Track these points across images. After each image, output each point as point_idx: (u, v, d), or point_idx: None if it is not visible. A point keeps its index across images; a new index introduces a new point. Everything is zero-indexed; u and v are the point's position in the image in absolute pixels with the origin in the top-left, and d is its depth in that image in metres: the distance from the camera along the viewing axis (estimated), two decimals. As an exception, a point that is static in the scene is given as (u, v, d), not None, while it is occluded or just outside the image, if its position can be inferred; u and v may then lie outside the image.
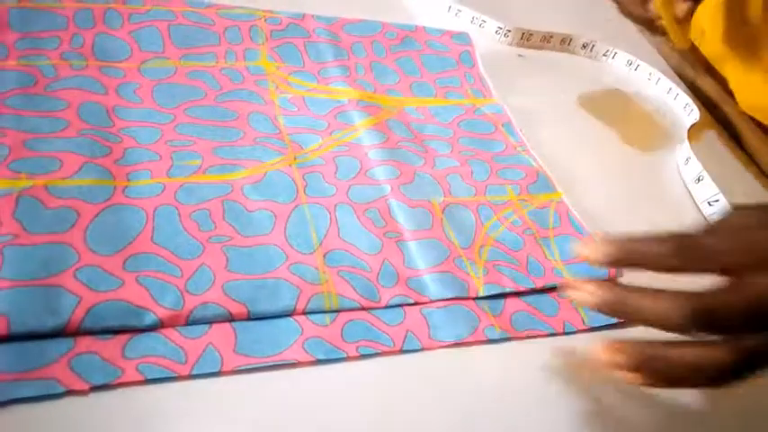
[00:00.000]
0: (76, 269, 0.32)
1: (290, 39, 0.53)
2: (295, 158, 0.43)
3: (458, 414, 0.33)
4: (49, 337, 0.30)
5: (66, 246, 0.33)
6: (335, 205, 0.41)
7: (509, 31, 0.63)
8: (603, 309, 0.31)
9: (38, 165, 0.36)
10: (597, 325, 0.39)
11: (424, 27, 0.59)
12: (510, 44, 0.63)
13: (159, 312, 0.32)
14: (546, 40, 0.64)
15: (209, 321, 0.33)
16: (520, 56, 0.62)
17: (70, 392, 0.28)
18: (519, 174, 0.48)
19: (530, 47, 0.64)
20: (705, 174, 0.52)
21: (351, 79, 0.51)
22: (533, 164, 0.49)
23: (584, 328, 0.39)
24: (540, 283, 0.40)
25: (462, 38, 0.60)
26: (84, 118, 0.40)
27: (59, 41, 0.45)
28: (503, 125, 0.52)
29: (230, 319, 0.33)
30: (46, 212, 0.34)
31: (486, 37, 0.63)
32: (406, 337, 0.35)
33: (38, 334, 0.29)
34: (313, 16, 0.56)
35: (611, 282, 0.32)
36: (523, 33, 0.63)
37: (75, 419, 0.28)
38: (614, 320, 0.39)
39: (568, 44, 0.65)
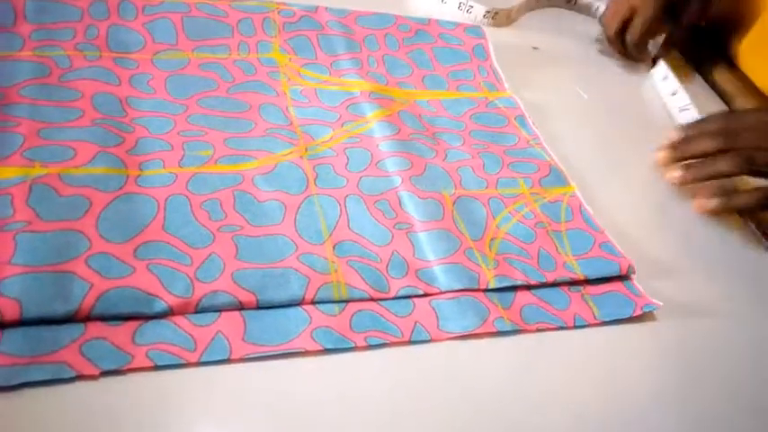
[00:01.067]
0: (88, 256, 0.32)
1: (302, 31, 0.53)
2: (306, 150, 0.43)
3: (465, 405, 0.33)
4: (61, 322, 0.30)
5: (79, 233, 0.33)
6: (346, 196, 0.41)
7: (496, 13, 0.63)
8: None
9: (52, 153, 0.37)
10: (608, 319, 0.39)
11: (437, 20, 0.59)
12: (496, 25, 0.63)
13: (169, 300, 0.32)
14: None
15: (218, 309, 0.33)
16: (535, 48, 0.62)
17: (81, 377, 0.29)
18: (531, 167, 0.48)
19: (518, 25, 0.64)
20: None
21: (363, 71, 0.51)
22: (546, 157, 0.49)
23: (595, 322, 0.38)
24: (551, 277, 0.40)
25: (476, 31, 0.60)
26: (97, 108, 0.41)
27: (74, 33, 0.45)
28: (515, 118, 0.52)
29: (239, 307, 0.33)
30: (59, 200, 0.35)
31: (476, 22, 0.62)
32: (414, 327, 0.35)
33: (49, 319, 0.30)
34: (326, 9, 0.56)
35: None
36: (507, 12, 0.64)
37: (85, 403, 0.28)
38: (626, 315, 0.39)
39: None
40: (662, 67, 0.63)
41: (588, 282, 0.41)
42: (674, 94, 0.61)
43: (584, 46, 0.66)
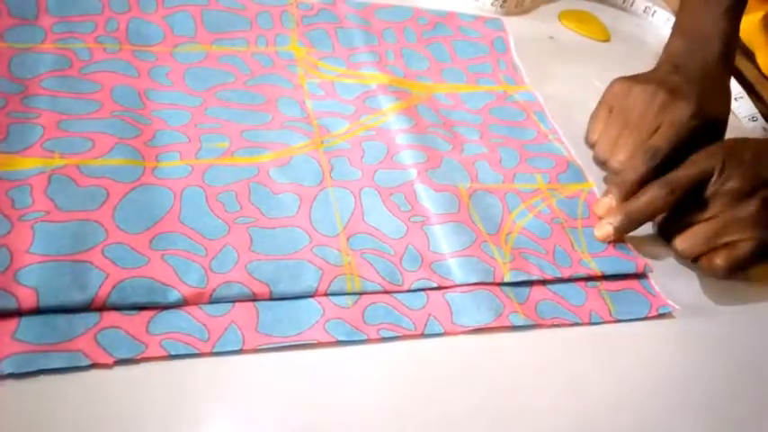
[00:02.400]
0: (105, 246, 0.33)
1: (320, 24, 0.53)
2: (322, 142, 0.43)
3: (478, 399, 0.33)
4: (77, 311, 0.30)
5: (96, 223, 0.34)
6: (361, 189, 0.41)
7: (505, 1, 0.62)
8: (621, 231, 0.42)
9: (71, 145, 0.37)
10: (624, 318, 0.38)
11: (456, 13, 0.59)
12: (506, 14, 0.62)
13: (183, 290, 0.32)
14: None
15: (232, 300, 0.33)
16: (551, 38, 0.61)
17: (95, 365, 0.29)
18: (549, 162, 0.47)
19: (522, 12, 0.63)
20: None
21: (381, 65, 0.51)
22: (565, 153, 0.48)
23: (610, 319, 0.38)
24: (566, 273, 0.39)
25: (496, 23, 0.59)
26: (116, 100, 0.41)
27: (95, 25, 0.46)
28: (534, 113, 0.51)
29: (253, 298, 0.33)
30: (77, 191, 0.35)
31: (483, 9, 0.62)
32: (428, 321, 0.35)
33: (66, 308, 0.30)
34: (344, 1, 0.55)
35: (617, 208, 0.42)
36: (517, 0, 0.63)
37: (100, 391, 0.28)
38: (642, 315, 0.39)
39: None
40: None
41: (605, 278, 0.40)
42: None
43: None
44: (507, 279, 0.38)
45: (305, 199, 0.39)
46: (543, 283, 0.39)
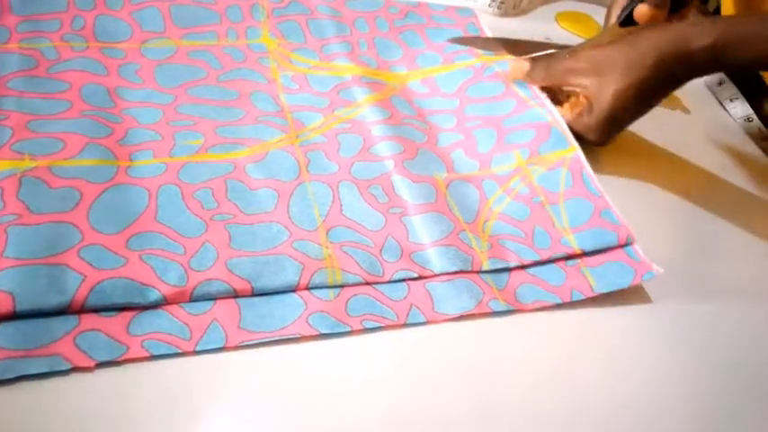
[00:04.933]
0: (80, 248, 0.32)
1: (291, 16, 0.52)
2: (297, 136, 0.43)
3: (463, 386, 0.33)
4: (55, 314, 0.30)
5: (70, 225, 0.33)
6: (338, 182, 0.40)
7: (502, 2, 0.62)
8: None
9: (41, 146, 0.37)
10: (606, 291, 0.39)
11: (427, 2, 0.59)
12: (503, 15, 0.63)
13: (163, 289, 0.32)
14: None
15: (213, 297, 0.33)
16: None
17: (76, 369, 0.29)
18: (529, 134, 0.46)
19: (519, 13, 0.64)
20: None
21: (354, 55, 0.51)
22: (547, 118, 0.46)
23: (592, 294, 0.38)
24: (545, 255, 0.40)
25: (467, 11, 0.59)
26: (86, 99, 0.40)
27: (60, 23, 0.45)
28: (514, 80, 0.50)
29: (234, 295, 0.33)
30: (49, 192, 0.34)
31: (480, 11, 0.62)
32: (410, 310, 0.35)
33: (43, 312, 0.30)
34: (314, -7, 0.55)
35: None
36: (515, 2, 0.63)
37: (81, 395, 0.28)
38: (625, 285, 0.39)
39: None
40: None
41: (586, 254, 0.40)
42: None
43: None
44: (485, 267, 0.38)
45: (282, 194, 0.39)
46: (522, 267, 0.39)
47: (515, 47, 0.54)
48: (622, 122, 0.46)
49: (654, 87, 0.44)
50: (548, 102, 0.48)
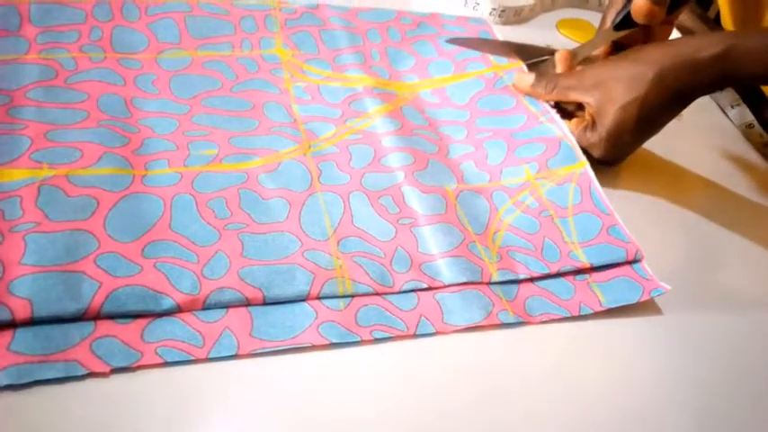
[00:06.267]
0: (97, 256, 0.33)
1: (304, 27, 0.53)
2: (309, 147, 0.43)
3: (471, 397, 0.33)
4: (71, 321, 0.31)
5: (87, 233, 0.34)
6: (349, 193, 0.41)
7: (503, 10, 0.63)
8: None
9: (59, 155, 0.37)
10: (615, 306, 0.39)
11: (439, 13, 0.59)
12: (505, 23, 0.63)
13: (177, 297, 0.32)
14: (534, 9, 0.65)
15: (225, 306, 0.33)
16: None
17: (91, 374, 0.29)
18: (539, 148, 0.46)
19: (520, 21, 0.65)
20: None
21: (366, 66, 0.51)
22: (557, 132, 0.47)
23: (600, 309, 0.39)
24: (554, 268, 0.40)
25: (479, 20, 0.60)
26: (103, 109, 0.41)
27: (79, 35, 0.46)
28: (525, 95, 0.51)
29: (246, 303, 0.34)
30: (67, 201, 0.35)
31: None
32: (419, 321, 0.35)
33: (60, 318, 0.30)
34: (327, 5, 0.56)
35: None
36: (516, 10, 0.63)
37: (97, 400, 0.29)
38: (633, 300, 0.39)
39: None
40: None
41: (594, 269, 0.41)
42: None
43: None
44: (495, 279, 0.38)
45: (294, 204, 0.39)
46: (531, 279, 0.39)
47: (521, 51, 0.55)
48: (626, 140, 0.46)
49: (656, 104, 0.44)
50: (557, 117, 0.48)
